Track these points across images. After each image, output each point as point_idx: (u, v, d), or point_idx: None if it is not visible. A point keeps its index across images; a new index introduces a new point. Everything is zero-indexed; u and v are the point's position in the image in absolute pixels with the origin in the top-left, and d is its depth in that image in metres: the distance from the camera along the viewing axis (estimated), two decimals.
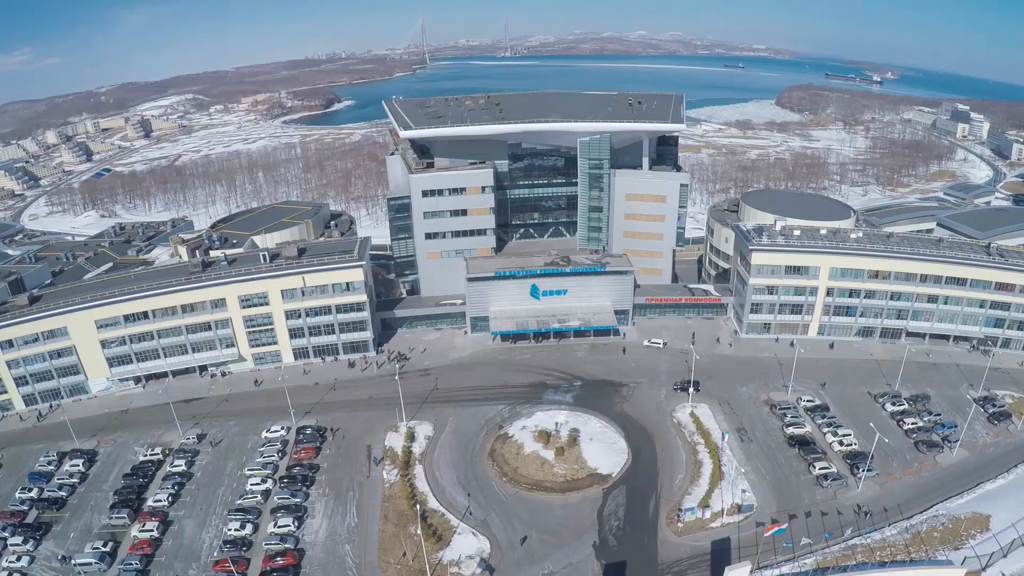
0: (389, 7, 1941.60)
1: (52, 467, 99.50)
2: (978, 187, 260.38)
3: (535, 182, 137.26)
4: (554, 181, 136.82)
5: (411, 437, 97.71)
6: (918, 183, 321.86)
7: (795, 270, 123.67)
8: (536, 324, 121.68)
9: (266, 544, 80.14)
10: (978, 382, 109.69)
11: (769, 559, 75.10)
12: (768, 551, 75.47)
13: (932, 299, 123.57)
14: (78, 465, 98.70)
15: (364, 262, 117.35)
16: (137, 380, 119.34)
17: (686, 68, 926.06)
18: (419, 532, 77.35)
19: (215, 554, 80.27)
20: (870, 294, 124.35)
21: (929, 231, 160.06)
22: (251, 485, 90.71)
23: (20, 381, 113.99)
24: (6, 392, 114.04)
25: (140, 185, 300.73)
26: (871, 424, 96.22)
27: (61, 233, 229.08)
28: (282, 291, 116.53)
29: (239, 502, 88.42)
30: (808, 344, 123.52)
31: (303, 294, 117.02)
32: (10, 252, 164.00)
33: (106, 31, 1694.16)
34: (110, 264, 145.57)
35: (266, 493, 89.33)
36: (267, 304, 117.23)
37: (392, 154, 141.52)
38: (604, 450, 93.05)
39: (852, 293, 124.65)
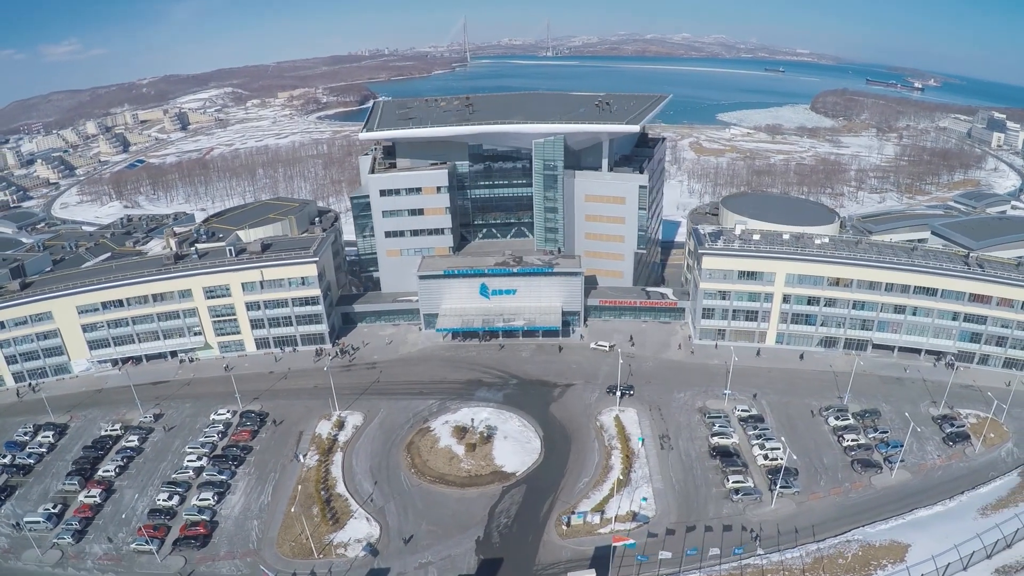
0: (435, 5, 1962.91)
1: (27, 437, 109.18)
2: (992, 196, 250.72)
3: (496, 182, 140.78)
4: (515, 182, 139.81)
5: (340, 426, 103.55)
6: (940, 191, 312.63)
7: (749, 275, 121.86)
8: (482, 323, 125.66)
9: (186, 514, 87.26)
10: (946, 399, 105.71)
11: (652, 570, 74.77)
12: (651, 564, 74.86)
13: (899, 310, 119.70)
14: (49, 437, 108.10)
15: (317, 258, 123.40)
16: (114, 363, 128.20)
17: (726, 71, 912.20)
18: (296, 509, 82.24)
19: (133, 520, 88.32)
20: (830, 302, 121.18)
21: (923, 240, 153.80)
22: (187, 461, 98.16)
23: (10, 360, 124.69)
24: None
25: (165, 177, 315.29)
26: (782, 439, 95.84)
27: (84, 222, 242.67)
28: (243, 284, 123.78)
29: (173, 476, 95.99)
30: (768, 353, 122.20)
31: (262, 287, 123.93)
32: (23, 240, 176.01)
33: (153, 23, 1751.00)
34: (108, 254, 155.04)
35: (199, 469, 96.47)
36: (229, 296, 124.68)
37: (366, 154, 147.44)
38: (516, 449, 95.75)
39: (811, 301, 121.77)
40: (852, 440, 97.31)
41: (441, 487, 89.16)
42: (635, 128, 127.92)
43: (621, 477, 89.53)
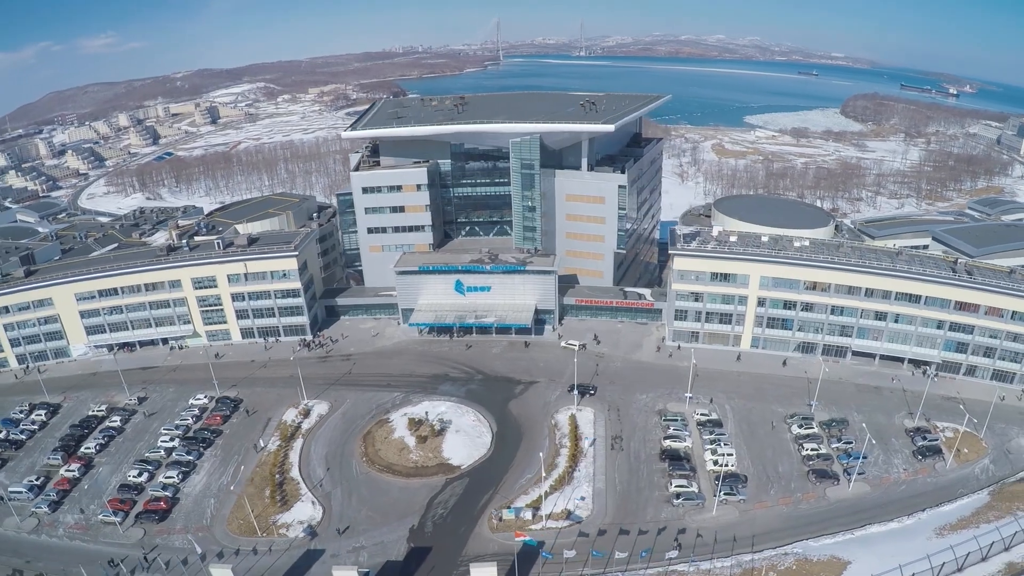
0: (470, 3, 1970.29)
1: (23, 415, 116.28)
2: (1009, 203, 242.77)
3: (479, 181, 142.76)
4: (497, 180, 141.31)
5: (306, 414, 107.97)
6: (961, 198, 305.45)
7: (723, 277, 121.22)
8: (454, 318, 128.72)
9: (152, 490, 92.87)
10: (928, 411, 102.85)
11: (578, 569, 75.34)
12: (576, 563, 75.16)
13: (881, 316, 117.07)
14: (42, 415, 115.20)
15: (297, 253, 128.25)
16: (110, 348, 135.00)
17: (759, 74, 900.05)
18: (249, 490, 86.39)
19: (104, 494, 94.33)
20: (807, 307, 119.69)
21: (925, 246, 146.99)
22: (160, 442, 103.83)
23: (14, 343, 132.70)
24: (2, 351, 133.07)
25: (188, 170, 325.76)
26: (723, 444, 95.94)
27: (106, 213, 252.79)
28: (228, 276, 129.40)
29: (146, 454, 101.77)
30: (747, 357, 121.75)
31: (246, 279, 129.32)
32: (40, 230, 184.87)
33: (190, 17, 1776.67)
34: (115, 244, 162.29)
35: (170, 450, 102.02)
36: (216, 287, 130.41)
37: (356, 152, 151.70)
38: (465, 443, 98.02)
39: (787, 305, 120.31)
40: (812, 449, 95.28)
41: (387, 476, 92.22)
42: (609, 128, 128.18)
43: (563, 475, 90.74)
